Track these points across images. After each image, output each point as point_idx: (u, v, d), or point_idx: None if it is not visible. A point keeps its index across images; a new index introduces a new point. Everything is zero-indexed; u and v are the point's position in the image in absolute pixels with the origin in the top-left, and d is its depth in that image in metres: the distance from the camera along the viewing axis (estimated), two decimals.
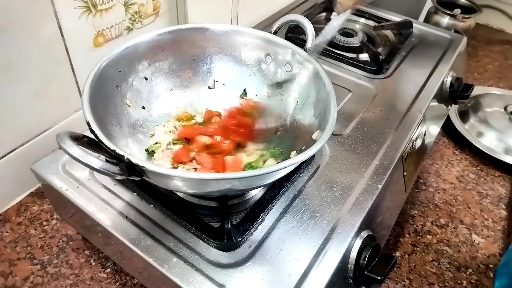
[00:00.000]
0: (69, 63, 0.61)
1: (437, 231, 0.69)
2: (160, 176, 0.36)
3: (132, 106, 0.49)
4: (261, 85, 0.56)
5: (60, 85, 0.61)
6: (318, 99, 0.48)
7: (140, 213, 0.46)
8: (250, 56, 0.55)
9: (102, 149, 0.37)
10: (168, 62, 0.52)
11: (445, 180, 0.78)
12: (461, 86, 0.76)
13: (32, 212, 0.62)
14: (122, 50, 0.46)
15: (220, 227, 0.43)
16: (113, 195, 0.47)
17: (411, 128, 0.60)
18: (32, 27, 0.53)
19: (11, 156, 0.59)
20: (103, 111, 0.43)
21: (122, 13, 0.64)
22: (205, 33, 0.52)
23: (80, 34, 0.60)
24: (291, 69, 0.53)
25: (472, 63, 1.15)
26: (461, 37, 0.86)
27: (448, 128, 0.89)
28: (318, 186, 0.50)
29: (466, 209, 0.73)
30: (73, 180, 0.48)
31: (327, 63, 0.74)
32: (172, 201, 0.47)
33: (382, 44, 0.82)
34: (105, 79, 0.44)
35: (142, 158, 0.46)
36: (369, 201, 0.48)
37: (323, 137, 0.39)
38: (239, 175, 0.35)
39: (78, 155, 0.32)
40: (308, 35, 0.52)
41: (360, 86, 0.69)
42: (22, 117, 0.58)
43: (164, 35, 0.50)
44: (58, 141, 0.32)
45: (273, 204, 0.47)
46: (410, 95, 0.68)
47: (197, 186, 0.38)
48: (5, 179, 0.60)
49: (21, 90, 0.56)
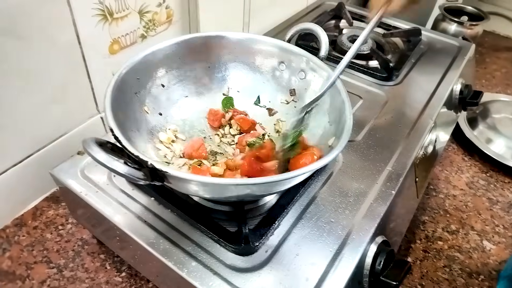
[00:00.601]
0: (86, 69, 0.62)
1: (448, 237, 0.69)
2: (182, 181, 0.36)
3: (150, 112, 0.50)
4: (274, 92, 0.57)
5: (76, 91, 0.62)
6: (332, 106, 0.49)
7: (158, 217, 0.47)
8: (264, 64, 0.56)
9: (125, 155, 0.38)
10: (184, 70, 0.53)
11: (455, 187, 0.79)
12: (471, 93, 0.77)
13: (48, 216, 0.63)
14: (141, 58, 0.47)
15: (237, 232, 0.44)
16: (131, 199, 0.48)
17: (423, 134, 0.61)
18: (51, 35, 0.54)
19: (28, 161, 0.60)
20: (124, 117, 0.44)
21: (136, 21, 0.66)
22: (221, 41, 0.53)
23: (96, 41, 0.61)
24: (305, 77, 0.54)
25: (479, 69, 1.15)
26: (470, 45, 0.87)
27: (457, 135, 0.89)
28: (332, 192, 0.51)
29: (477, 215, 0.73)
30: (92, 185, 0.49)
31: None
32: (189, 206, 0.47)
33: (391, 51, 0.83)
34: (125, 86, 0.45)
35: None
36: (383, 207, 0.49)
37: (340, 144, 0.40)
38: (258, 181, 0.36)
39: (104, 160, 0.32)
40: (322, 43, 0.53)
41: (371, 93, 0.70)
42: (39, 123, 0.59)
43: (181, 43, 0.51)
44: (85, 147, 0.33)
45: (288, 210, 0.47)
46: (420, 102, 0.69)
47: (217, 191, 0.39)
48: (22, 184, 0.61)
49: (38, 96, 0.57)
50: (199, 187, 0.38)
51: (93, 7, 0.57)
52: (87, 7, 0.57)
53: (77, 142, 0.65)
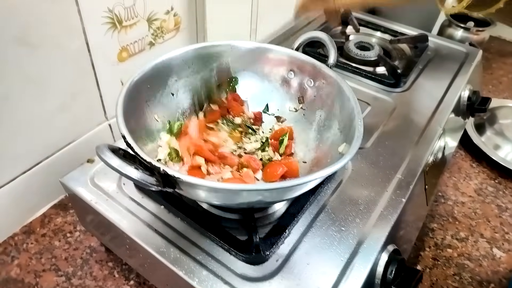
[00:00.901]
0: (94, 77, 0.62)
1: (458, 245, 0.68)
2: (193, 186, 0.36)
3: (160, 121, 0.50)
4: (283, 100, 0.57)
5: (85, 99, 0.63)
6: (342, 113, 0.49)
7: (167, 226, 0.46)
8: (273, 72, 0.56)
9: (137, 161, 0.38)
10: (194, 78, 0.54)
11: (464, 193, 0.78)
12: (479, 99, 0.77)
13: (56, 224, 0.63)
14: (152, 66, 0.47)
15: (247, 241, 0.44)
16: (141, 207, 0.48)
17: (432, 141, 0.61)
18: (61, 43, 0.55)
19: (36, 168, 0.61)
20: (135, 125, 0.44)
21: (145, 29, 0.66)
22: (230, 50, 0.53)
23: (105, 49, 0.61)
24: (313, 84, 0.54)
25: (486, 75, 1.15)
26: (477, 50, 0.86)
27: (464, 141, 0.88)
28: (342, 200, 0.50)
29: (486, 222, 0.73)
30: (102, 193, 0.49)
31: (344, 76, 0.75)
32: (199, 214, 0.47)
33: (398, 58, 0.83)
34: (135, 95, 0.45)
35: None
36: (394, 216, 0.49)
37: (351, 151, 0.40)
38: (270, 186, 0.36)
39: (118, 166, 0.33)
40: (331, 51, 0.53)
41: (379, 100, 0.70)
42: (48, 131, 0.60)
43: (190, 52, 0.52)
44: (99, 153, 0.33)
45: (298, 218, 0.47)
46: (428, 109, 0.68)
47: (229, 197, 0.39)
48: (31, 191, 0.61)
49: (48, 103, 0.58)
50: (211, 193, 0.38)
51: (103, 15, 0.58)
52: (97, 16, 0.57)
53: (85, 150, 0.66)
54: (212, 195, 0.38)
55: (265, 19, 0.87)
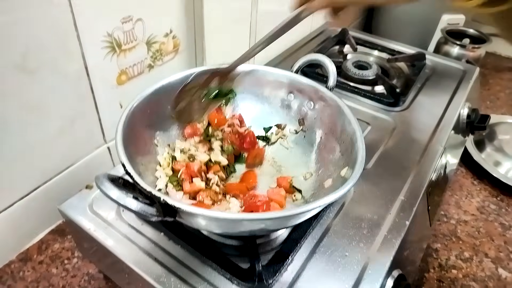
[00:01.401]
0: (93, 100, 0.62)
1: (462, 265, 0.67)
2: (195, 216, 0.36)
3: (160, 145, 0.49)
4: (284, 122, 0.56)
5: (83, 122, 0.62)
6: (343, 136, 0.49)
7: (167, 253, 0.45)
8: (272, 94, 0.56)
9: (136, 190, 0.37)
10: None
11: (466, 212, 0.77)
12: (478, 117, 0.77)
13: (54, 250, 0.61)
14: (151, 91, 0.47)
15: (250, 269, 0.43)
16: (141, 235, 0.47)
17: (433, 161, 0.60)
18: (60, 68, 0.54)
19: (34, 194, 0.60)
20: (134, 151, 0.43)
21: (144, 52, 0.66)
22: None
23: (104, 72, 0.61)
24: (313, 106, 0.54)
25: (483, 91, 1.16)
26: (474, 68, 0.87)
27: (465, 158, 0.88)
28: (345, 223, 0.50)
29: (490, 241, 0.72)
30: (101, 220, 0.48)
31: (343, 95, 0.75)
32: (200, 241, 0.46)
33: (396, 76, 0.83)
34: (135, 120, 0.45)
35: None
36: (398, 239, 0.48)
37: (354, 176, 0.39)
38: (273, 215, 0.35)
39: (117, 198, 0.32)
40: (330, 73, 0.53)
41: (378, 119, 0.70)
42: (47, 155, 0.59)
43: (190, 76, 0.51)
44: (98, 184, 0.32)
45: (301, 244, 0.46)
46: (428, 128, 0.68)
47: (231, 226, 0.38)
48: (28, 217, 0.60)
49: (46, 128, 0.57)
50: (212, 222, 0.37)
51: (102, 39, 0.58)
52: (96, 40, 0.57)
53: (83, 174, 0.65)
54: (213, 224, 0.37)
55: None
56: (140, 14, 0.61)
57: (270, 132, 0.57)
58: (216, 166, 0.51)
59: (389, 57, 0.88)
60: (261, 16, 0.76)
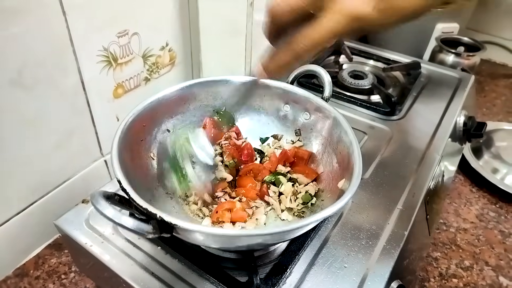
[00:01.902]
0: (90, 114, 0.62)
1: (463, 274, 0.67)
2: (192, 233, 0.35)
3: (156, 158, 0.49)
4: (280, 133, 0.56)
5: (80, 136, 0.62)
6: (339, 147, 0.49)
7: (164, 268, 0.45)
8: (268, 105, 0.56)
9: (133, 206, 0.37)
10: (189, 114, 0.53)
11: (465, 220, 0.77)
12: (475, 124, 0.77)
13: (50, 265, 0.61)
14: (146, 105, 0.47)
15: (248, 282, 0.42)
16: (138, 249, 0.47)
17: (431, 170, 0.60)
18: (56, 83, 0.55)
19: (31, 208, 0.59)
20: (130, 165, 0.43)
21: (140, 65, 0.67)
22: (225, 85, 0.53)
23: (101, 86, 0.61)
24: (309, 117, 0.54)
25: (479, 98, 1.16)
26: (469, 76, 0.88)
27: (462, 165, 0.88)
28: (343, 234, 0.49)
29: (490, 249, 0.72)
30: (98, 235, 0.48)
31: (339, 105, 0.76)
32: (197, 254, 0.46)
33: (392, 85, 0.84)
34: (131, 135, 0.45)
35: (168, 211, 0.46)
36: (397, 249, 0.47)
37: (351, 189, 0.39)
38: (271, 231, 0.35)
39: (113, 216, 0.32)
40: (326, 84, 0.53)
41: (375, 128, 0.70)
42: (43, 169, 0.59)
43: (185, 89, 0.52)
44: (93, 202, 0.32)
45: (300, 256, 0.46)
46: (425, 136, 0.68)
47: (229, 241, 0.38)
48: (25, 232, 0.60)
49: (43, 143, 0.57)
50: (210, 238, 0.37)
51: (98, 54, 0.58)
52: (92, 54, 0.57)
53: (80, 187, 0.65)
54: (211, 240, 0.37)
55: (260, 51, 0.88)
56: (136, 28, 0.62)
57: (267, 143, 0.57)
58: (224, 183, 0.51)
59: (384, 66, 0.88)
60: (256, 27, 0.76)
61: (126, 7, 0.59)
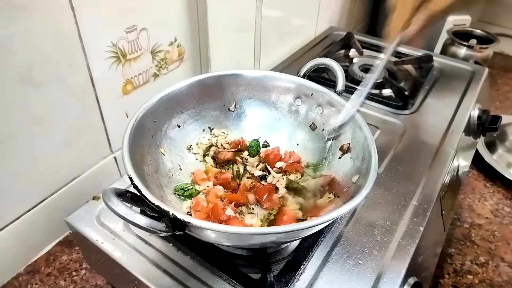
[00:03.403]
0: (99, 111, 0.61)
1: (478, 270, 0.66)
2: (205, 230, 0.35)
3: (167, 154, 0.49)
4: (292, 127, 0.56)
5: (89, 133, 0.62)
6: (354, 142, 0.48)
7: (176, 265, 0.45)
8: (279, 100, 0.55)
9: (145, 203, 0.36)
10: (200, 109, 0.53)
11: (480, 215, 0.76)
12: (489, 118, 0.75)
13: (61, 262, 0.61)
14: (157, 100, 0.47)
15: (261, 279, 0.42)
16: (149, 246, 0.46)
17: (445, 165, 0.59)
18: (66, 80, 0.54)
19: (41, 206, 0.59)
20: (141, 162, 0.42)
21: (149, 61, 0.66)
22: (236, 79, 0.53)
23: (110, 83, 0.61)
24: (322, 111, 0.53)
25: (492, 91, 1.14)
26: (483, 69, 0.86)
27: (476, 160, 0.87)
28: (357, 230, 0.48)
29: (506, 245, 0.70)
30: (109, 232, 0.47)
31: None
32: (209, 251, 0.45)
33: (404, 79, 0.82)
34: (141, 130, 0.44)
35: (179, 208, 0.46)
36: (413, 246, 0.46)
37: (367, 186, 0.38)
38: (285, 229, 0.34)
39: (125, 214, 0.31)
40: (339, 77, 0.52)
41: (388, 123, 0.69)
42: (53, 167, 0.59)
43: (195, 84, 0.51)
44: (105, 200, 0.32)
45: (313, 252, 0.45)
46: (439, 130, 0.67)
47: (242, 239, 0.37)
48: (36, 229, 0.60)
49: (53, 140, 0.57)
50: (223, 236, 0.36)
51: (107, 50, 0.58)
52: (101, 51, 0.57)
53: (90, 184, 0.65)
54: (224, 238, 0.36)
55: (268, 46, 0.87)
56: (145, 24, 0.61)
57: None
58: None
59: (396, 59, 0.86)
60: (265, 22, 0.75)
61: (134, 3, 0.58)
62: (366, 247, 0.46)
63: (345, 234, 0.48)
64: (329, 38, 0.99)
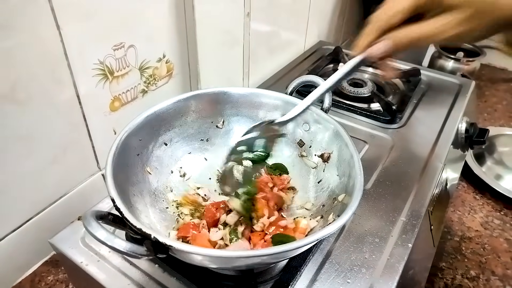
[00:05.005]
0: (86, 128, 0.61)
1: (469, 285, 0.65)
2: (188, 254, 0.34)
3: (153, 173, 0.48)
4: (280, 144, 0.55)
5: (76, 150, 0.61)
6: (340, 159, 0.48)
7: (162, 287, 0.44)
8: (267, 117, 0.55)
9: (127, 226, 0.36)
10: (187, 126, 0.53)
11: (470, 228, 0.76)
12: (477, 131, 0.76)
13: (47, 282, 0.60)
14: (143, 119, 0.46)
15: None
16: (135, 267, 0.46)
17: (434, 179, 0.59)
18: (51, 97, 0.54)
19: (27, 225, 0.58)
20: (125, 181, 0.42)
21: (137, 77, 0.66)
22: (223, 96, 0.53)
23: (97, 100, 0.60)
24: (309, 129, 0.53)
25: (480, 103, 1.15)
26: (470, 82, 0.87)
27: (465, 172, 0.87)
28: (346, 247, 0.48)
29: (496, 258, 0.70)
30: (94, 254, 0.46)
31: (339, 114, 0.75)
32: (195, 272, 0.45)
33: (392, 93, 0.83)
34: (126, 149, 0.44)
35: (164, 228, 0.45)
36: (401, 263, 0.46)
37: (353, 203, 0.38)
38: (270, 251, 0.33)
39: (105, 239, 0.31)
40: (325, 95, 0.52)
41: (376, 137, 0.69)
42: (39, 185, 0.58)
43: (182, 101, 0.51)
44: (85, 224, 0.31)
45: (301, 272, 0.45)
46: (427, 144, 0.67)
47: (226, 262, 0.36)
48: (20, 249, 0.59)
49: (38, 158, 0.56)
50: (207, 259, 0.35)
51: (94, 67, 0.57)
52: (87, 68, 0.56)
53: (78, 202, 0.64)
54: (208, 261, 0.36)
55: (258, 61, 0.87)
56: (132, 41, 0.61)
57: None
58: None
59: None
60: (254, 38, 0.76)
61: (121, 20, 0.58)
62: (355, 265, 0.46)
63: (334, 251, 0.48)
64: (318, 52, 1.00)
